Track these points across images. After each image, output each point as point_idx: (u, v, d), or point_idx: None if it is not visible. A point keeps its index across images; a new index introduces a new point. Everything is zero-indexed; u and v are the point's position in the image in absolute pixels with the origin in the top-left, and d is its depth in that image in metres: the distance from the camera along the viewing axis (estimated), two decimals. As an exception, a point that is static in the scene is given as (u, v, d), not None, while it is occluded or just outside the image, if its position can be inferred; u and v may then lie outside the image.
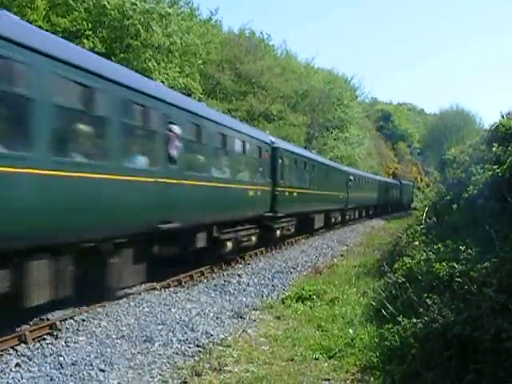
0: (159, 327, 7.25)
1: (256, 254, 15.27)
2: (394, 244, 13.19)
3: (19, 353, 5.98)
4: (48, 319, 7.16)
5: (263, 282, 11.46)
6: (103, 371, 5.58)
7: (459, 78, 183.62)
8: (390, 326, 6.12)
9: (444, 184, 12.76)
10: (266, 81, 32.73)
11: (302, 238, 20.80)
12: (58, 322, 6.97)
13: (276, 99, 33.39)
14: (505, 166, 7.34)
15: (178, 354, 6.34)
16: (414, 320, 5.59)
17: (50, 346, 6.29)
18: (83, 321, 7.28)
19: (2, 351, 5.94)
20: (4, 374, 5.35)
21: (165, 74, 19.86)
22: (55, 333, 6.73)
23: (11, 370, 5.45)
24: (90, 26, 17.96)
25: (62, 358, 5.85)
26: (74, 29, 17.66)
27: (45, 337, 6.63)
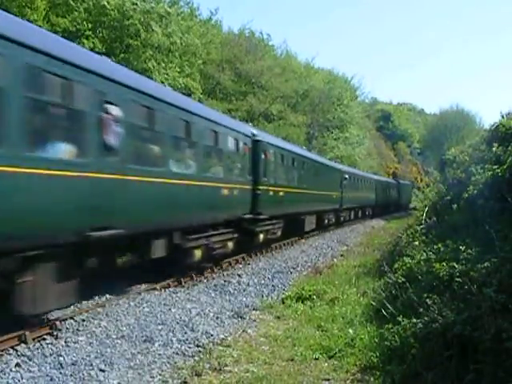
0: (159, 327, 7.25)
1: (256, 254, 15.27)
2: (394, 244, 13.19)
3: (19, 353, 5.99)
4: (48, 319, 7.16)
5: (263, 281, 11.46)
6: (103, 371, 5.59)
7: (459, 78, 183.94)
8: (390, 325, 6.12)
9: (444, 184, 12.75)
10: (266, 81, 32.75)
11: (302, 238, 20.78)
12: (57, 322, 6.98)
13: (276, 99, 33.43)
14: (505, 166, 7.34)
15: (178, 354, 6.34)
16: (414, 320, 5.60)
17: (49, 346, 6.29)
18: (83, 321, 7.29)
19: (2, 351, 5.94)
20: (4, 374, 5.35)
21: (165, 74, 19.88)
22: (55, 333, 6.74)
23: (11, 370, 5.46)
24: (89, 26, 17.99)
25: (62, 358, 5.86)
26: (73, 29, 17.68)
27: (45, 337, 6.63)
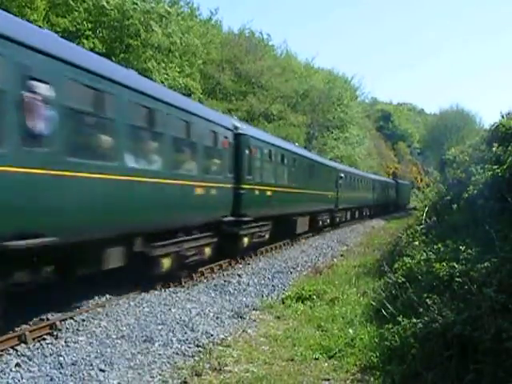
0: (159, 327, 7.25)
1: (256, 254, 15.28)
2: (394, 244, 13.20)
3: (19, 353, 5.98)
4: (48, 319, 7.17)
5: (263, 281, 11.46)
6: (103, 371, 5.58)
7: (459, 78, 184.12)
8: (390, 325, 6.13)
9: (444, 184, 12.75)
10: (266, 81, 32.73)
11: (303, 238, 20.77)
12: (57, 322, 6.97)
13: (276, 99, 33.41)
14: (505, 166, 7.34)
15: (178, 354, 6.34)
16: (414, 320, 5.60)
17: (49, 346, 6.29)
18: (83, 321, 7.28)
19: (2, 351, 5.94)
20: (4, 374, 5.35)
21: (165, 74, 19.88)
22: (55, 333, 6.73)
23: (11, 370, 5.45)
24: (89, 26, 17.99)
25: (62, 358, 5.86)
26: (73, 29, 17.68)
27: (45, 337, 6.63)
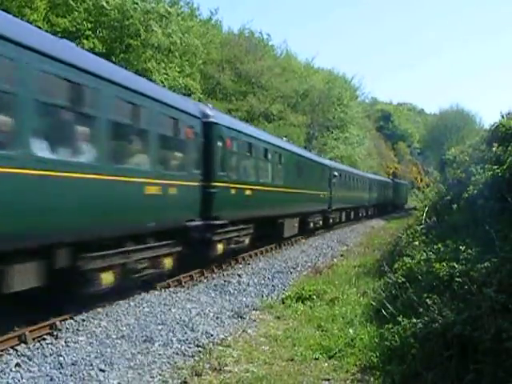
0: (159, 327, 7.25)
1: (256, 254, 15.27)
2: (394, 244, 13.19)
3: (19, 353, 5.98)
4: (48, 319, 7.16)
5: (263, 281, 11.46)
6: (103, 371, 5.58)
7: (459, 78, 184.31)
8: (390, 325, 6.12)
9: (444, 184, 12.74)
10: (266, 81, 32.74)
11: (302, 238, 20.74)
12: (57, 322, 6.97)
13: (276, 99, 33.42)
14: (505, 166, 7.33)
15: (178, 354, 6.34)
16: (414, 320, 5.60)
17: (49, 346, 6.29)
18: (83, 321, 7.28)
19: (2, 351, 5.93)
20: (4, 374, 5.35)
21: (165, 74, 19.88)
22: (55, 333, 6.73)
23: (11, 370, 5.45)
24: (89, 27, 17.99)
25: (62, 358, 5.85)
26: (73, 29, 17.68)
27: (45, 337, 6.62)
